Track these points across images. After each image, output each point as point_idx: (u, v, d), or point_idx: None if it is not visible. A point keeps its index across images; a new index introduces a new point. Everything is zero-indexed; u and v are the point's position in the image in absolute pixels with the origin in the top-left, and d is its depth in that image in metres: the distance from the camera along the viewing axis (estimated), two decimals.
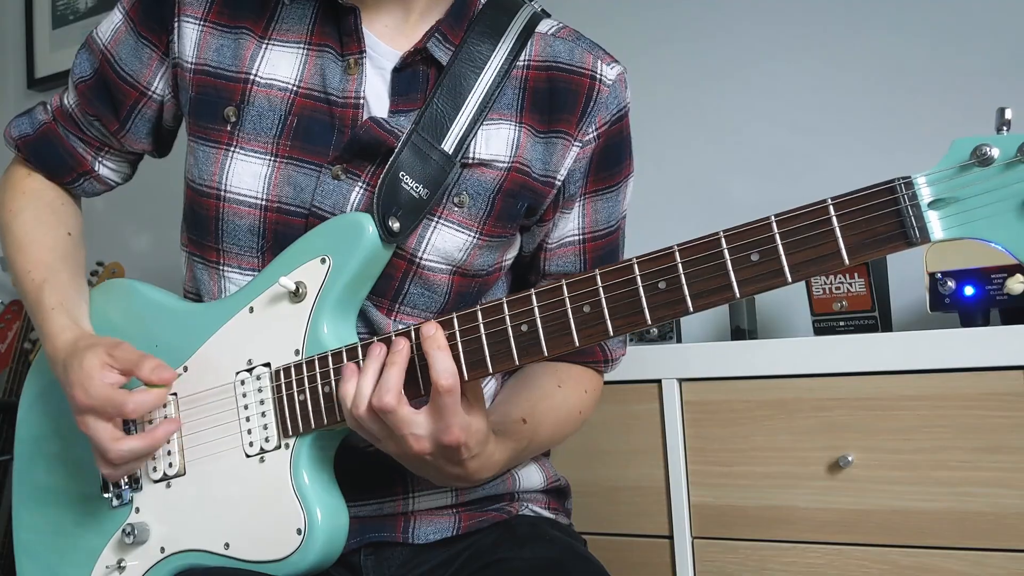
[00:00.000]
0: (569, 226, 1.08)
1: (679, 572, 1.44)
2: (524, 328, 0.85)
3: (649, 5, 2.01)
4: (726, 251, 0.77)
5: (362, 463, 1.01)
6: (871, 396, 1.33)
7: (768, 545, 1.39)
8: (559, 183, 1.05)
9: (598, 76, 1.05)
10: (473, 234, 1.01)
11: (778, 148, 1.86)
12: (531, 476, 1.12)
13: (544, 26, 1.07)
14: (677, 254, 0.79)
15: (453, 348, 0.86)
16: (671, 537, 1.45)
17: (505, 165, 1.02)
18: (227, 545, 0.96)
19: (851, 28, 1.81)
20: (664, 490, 1.46)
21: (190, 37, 1.04)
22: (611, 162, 1.07)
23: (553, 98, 1.04)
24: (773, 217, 0.76)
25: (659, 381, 1.47)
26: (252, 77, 1.02)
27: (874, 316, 1.47)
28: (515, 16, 1.05)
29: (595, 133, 1.05)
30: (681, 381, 1.46)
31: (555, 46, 1.06)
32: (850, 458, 1.33)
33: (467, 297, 1.05)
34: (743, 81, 1.90)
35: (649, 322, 0.80)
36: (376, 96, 1.02)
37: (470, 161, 1.01)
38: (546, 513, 1.12)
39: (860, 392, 1.34)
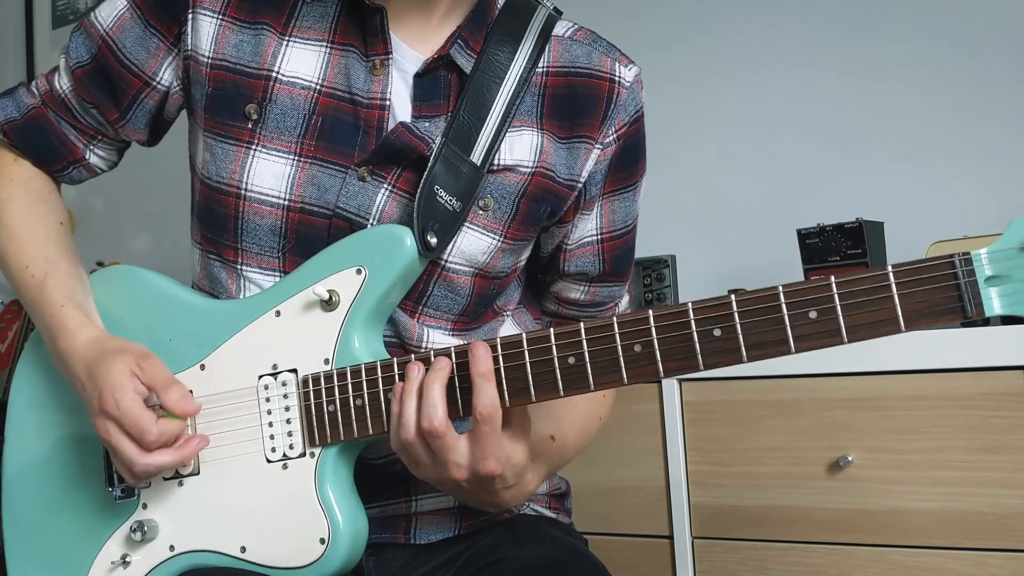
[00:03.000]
0: (588, 227, 1.09)
1: (679, 572, 1.44)
2: (571, 361, 0.84)
3: (654, 6, 2.01)
4: (784, 306, 0.78)
5: (366, 468, 1.00)
6: (871, 396, 1.33)
7: (769, 545, 1.39)
8: (580, 185, 1.05)
9: (617, 79, 1.05)
10: (498, 237, 1.01)
11: (784, 153, 1.86)
12: None
13: (560, 28, 1.07)
14: (734, 304, 0.79)
15: (496, 374, 0.86)
16: (671, 537, 1.46)
17: (529, 170, 1.02)
18: (243, 548, 0.95)
19: (858, 32, 1.81)
20: (664, 490, 1.47)
21: (206, 31, 1.02)
22: (629, 163, 1.08)
23: (573, 103, 1.04)
24: (833, 279, 0.77)
25: (659, 381, 1.47)
26: (274, 74, 1.00)
27: None
28: (531, 20, 1.04)
29: (615, 135, 1.05)
30: (681, 381, 1.46)
31: (573, 50, 1.05)
32: (850, 458, 1.33)
33: (486, 299, 1.05)
34: (750, 84, 1.90)
35: (702, 367, 0.80)
36: (399, 99, 1.01)
37: (495, 166, 1.00)
38: (547, 512, 1.12)
39: (860, 392, 1.34)
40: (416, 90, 1.00)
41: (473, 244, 1.00)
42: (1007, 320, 1.38)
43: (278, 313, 0.97)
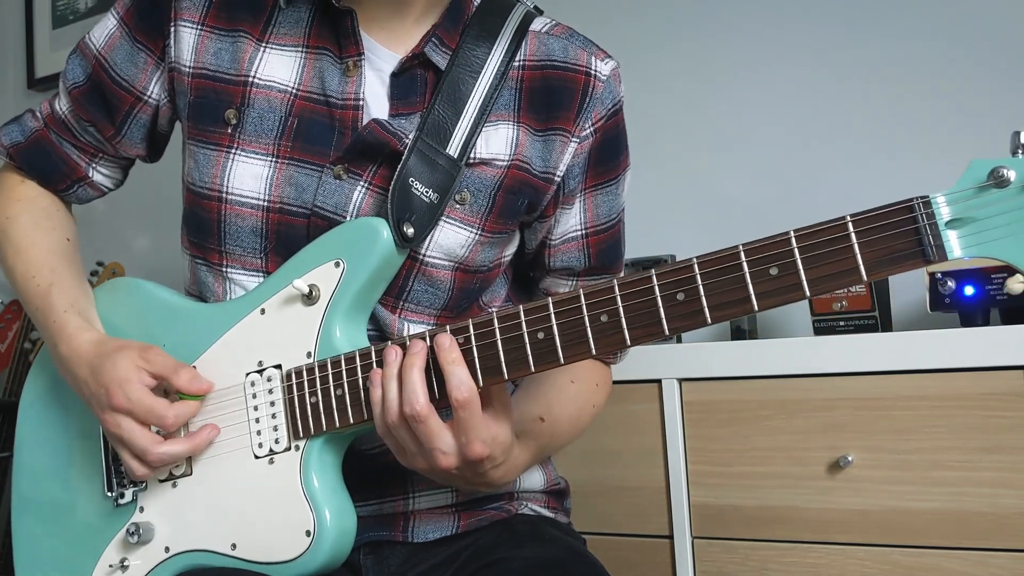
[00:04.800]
0: (571, 222, 1.09)
1: (679, 572, 1.44)
2: (540, 336, 0.85)
3: (654, 6, 2.01)
4: (745, 264, 0.78)
5: (362, 464, 1.01)
6: (871, 396, 1.33)
7: (768, 545, 1.39)
8: (558, 179, 1.06)
9: (593, 72, 1.06)
10: (475, 230, 1.02)
11: (784, 152, 1.86)
12: (532, 477, 1.12)
13: (537, 24, 1.08)
14: (696, 266, 0.80)
15: (468, 354, 0.87)
16: (671, 537, 1.45)
17: (505, 163, 1.03)
18: (234, 546, 0.96)
19: (857, 32, 1.81)
20: (664, 490, 1.46)
21: (187, 41, 1.04)
22: (608, 156, 1.08)
23: (550, 96, 1.04)
24: (792, 232, 0.77)
25: (659, 381, 1.47)
26: (251, 79, 1.02)
27: (874, 316, 1.47)
28: (508, 16, 1.05)
29: (592, 128, 1.06)
30: (681, 381, 1.46)
31: (549, 44, 1.06)
32: (850, 458, 1.33)
33: (469, 293, 1.06)
34: (748, 84, 1.90)
35: (667, 333, 0.81)
36: (375, 98, 1.02)
37: (472, 160, 1.01)
38: (545, 512, 1.12)
39: (860, 392, 1.34)
40: (393, 89, 1.02)
41: (450, 238, 1.01)
42: (1007, 320, 1.38)
43: (263, 311, 0.99)
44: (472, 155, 1.01)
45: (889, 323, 1.50)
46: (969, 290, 1.37)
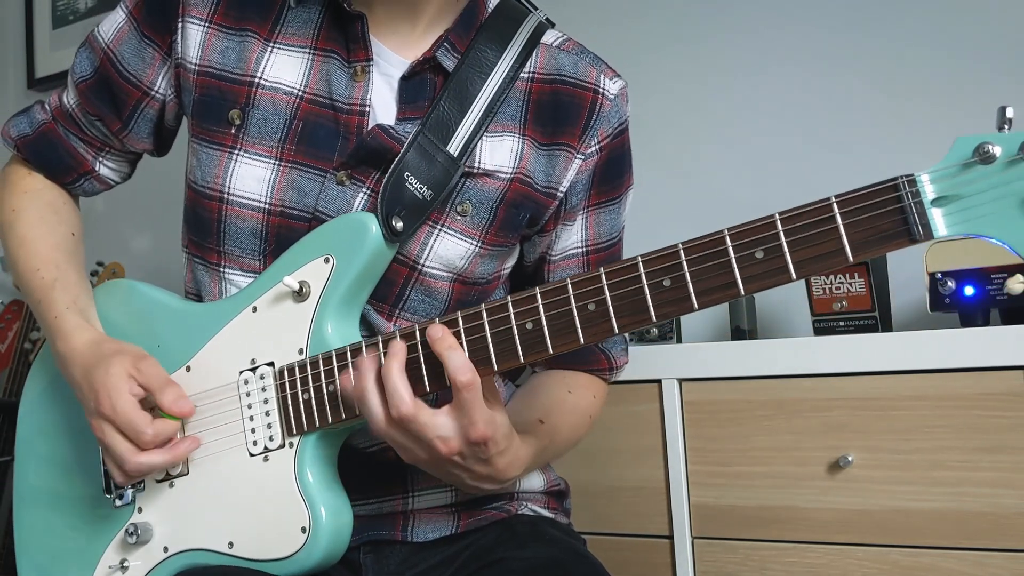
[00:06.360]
0: (572, 239, 1.09)
1: (679, 572, 1.44)
2: (529, 326, 0.85)
3: (654, 6, 2.01)
4: (731, 249, 0.78)
5: (362, 463, 1.01)
6: (871, 396, 1.33)
7: (768, 545, 1.39)
8: (561, 195, 1.06)
9: (601, 90, 1.06)
10: (475, 243, 1.02)
11: (784, 152, 1.86)
12: (531, 478, 1.12)
13: (549, 37, 1.08)
14: (682, 252, 0.80)
15: None
16: (671, 537, 1.45)
17: (508, 175, 1.02)
18: (231, 544, 0.96)
19: (852, 30, 1.81)
20: (664, 490, 1.46)
21: (194, 38, 1.04)
22: (612, 175, 1.08)
23: (557, 111, 1.04)
24: (777, 215, 0.77)
25: (659, 381, 1.47)
26: (257, 80, 1.02)
27: (874, 316, 1.47)
28: (521, 25, 1.05)
29: (597, 146, 1.06)
30: (681, 381, 1.46)
31: (560, 59, 1.06)
32: (850, 458, 1.33)
33: (466, 304, 1.06)
34: (748, 84, 1.90)
35: (654, 319, 0.81)
36: (383, 103, 1.02)
37: (474, 171, 1.01)
38: (545, 512, 1.12)
39: (860, 392, 1.34)
40: (401, 92, 1.02)
41: (451, 249, 1.01)
42: (1007, 320, 1.38)
43: (254, 309, 0.99)
44: (475, 164, 1.01)
45: (889, 323, 1.50)
46: (969, 290, 1.37)
